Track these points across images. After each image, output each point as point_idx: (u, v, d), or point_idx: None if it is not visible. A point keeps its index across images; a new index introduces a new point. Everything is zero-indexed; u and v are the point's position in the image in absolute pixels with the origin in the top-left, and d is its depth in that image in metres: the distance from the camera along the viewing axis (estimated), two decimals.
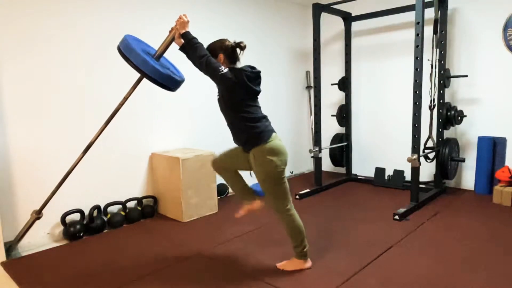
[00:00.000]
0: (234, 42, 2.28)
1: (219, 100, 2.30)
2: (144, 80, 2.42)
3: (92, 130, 2.78)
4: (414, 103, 3.49)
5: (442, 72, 3.91)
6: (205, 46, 2.28)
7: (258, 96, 2.32)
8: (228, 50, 2.26)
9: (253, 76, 2.22)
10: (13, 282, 2.39)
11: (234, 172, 2.50)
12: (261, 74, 2.31)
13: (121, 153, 3.46)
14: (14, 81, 2.82)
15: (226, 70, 2.15)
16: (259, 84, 2.28)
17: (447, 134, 4.16)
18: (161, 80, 2.31)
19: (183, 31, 2.26)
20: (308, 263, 2.44)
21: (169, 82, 2.37)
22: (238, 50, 2.29)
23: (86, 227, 3.14)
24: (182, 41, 2.31)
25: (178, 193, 3.40)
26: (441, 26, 3.88)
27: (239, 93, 2.20)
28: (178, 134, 3.92)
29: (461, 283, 2.21)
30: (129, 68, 2.30)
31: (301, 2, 5.13)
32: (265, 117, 2.32)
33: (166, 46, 2.40)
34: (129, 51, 2.24)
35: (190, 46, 2.24)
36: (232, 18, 4.30)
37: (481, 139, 3.94)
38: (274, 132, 2.31)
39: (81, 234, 3.08)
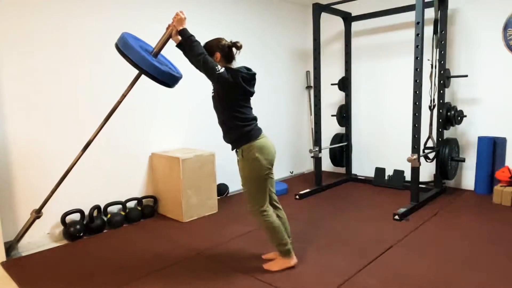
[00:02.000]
0: (231, 42, 2.30)
1: (213, 97, 2.33)
2: (144, 79, 2.42)
3: (91, 129, 2.77)
4: (414, 103, 3.49)
5: (442, 72, 3.91)
6: (202, 44, 2.28)
7: (251, 97, 2.35)
8: (225, 50, 2.28)
9: (248, 78, 2.25)
10: (13, 282, 2.39)
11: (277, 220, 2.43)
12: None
13: (121, 153, 3.46)
14: (13, 80, 2.82)
15: (222, 70, 2.17)
16: (253, 85, 2.31)
17: (447, 134, 4.16)
18: (159, 76, 2.31)
19: (181, 27, 2.26)
20: (293, 261, 2.44)
21: (167, 78, 2.38)
22: (234, 49, 2.30)
23: (86, 227, 3.14)
24: (179, 38, 2.30)
25: (178, 193, 3.40)
26: (441, 26, 3.88)
27: (233, 93, 2.23)
28: (178, 134, 3.92)
29: (461, 283, 2.21)
30: (128, 66, 2.30)
31: (301, 2, 5.13)
32: (255, 118, 2.35)
33: (163, 43, 2.40)
34: (127, 48, 2.24)
35: (187, 43, 2.24)
36: (232, 18, 4.30)
37: (481, 139, 3.94)
38: (263, 132, 2.35)
39: (81, 234, 3.08)
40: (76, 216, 3.14)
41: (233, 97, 2.24)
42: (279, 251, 2.43)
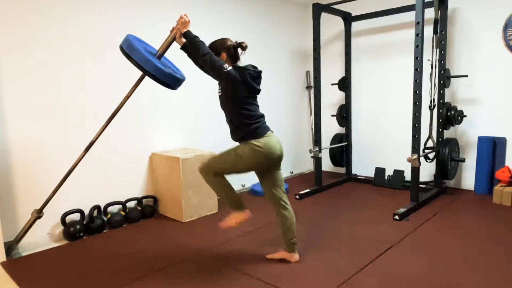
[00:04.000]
0: (236, 42, 2.33)
1: (220, 96, 2.34)
2: (145, 79, 2.43)
3: (93, 129, 2.78)
4: (414, 103, 3.49)
5: (442, 72, 3.91)
6: (207, 44, 2.29)
7: (258, 95, 2.36)
8: (231, 50, 2.32)
9: (255, 75, 2.28)
10: (13, 282, 2.39)
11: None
12: (262, 74, 2.35)
13: (121, 153, 3.46)
14: (14, 80, 2.82)
15: (230, 68, 2.20)
16: (259, 83, 2.33)
17: (447, 134, 4.16)
18: (163, 78, 2.34)
19: (185, 30, 2.28)
20: (246, 214, 2.43)
21: (171, 80, 2.40)
22: (239, 50, 2.34)
23: (86, 227, 3.14)
24: (183, 40, 2.34)
25: (178, 193, 3.40)
26: (441, 26, 3.88)
27: (241, 91, 2.24)
28: (178, 134, 3.92)
29: (461, 283, 2.21)
30: (130, 67, 2.31)
31: (301, 2, 5.13)
32: (263, 116, 2.37)
33: (167, 45, 2.42)
34: (131, 50, 2.26)
35: (192, 44, 2.26)
36: (232, 18, 4.30)
37: (481, 139, 3.94)
38: (271, 130, 2.37)
39: (81, 234, 3.08)
40: (76, 216, 3.14)
41: (241, 95, 2.25)
42: (231, 208, 2.42)
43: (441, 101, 3.97)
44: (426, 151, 3.88)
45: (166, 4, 3.66)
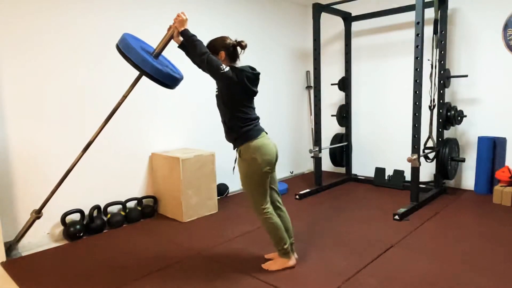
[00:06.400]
0: (236, 41, 2.29)
1: (217, 96, 2.32)
2: (144, 79, 2.42)
3: (92, 129, 2.78)
4: (414, 103, 3.49)
5: (442, 72, 3.91)
6: (205, 44, 2.28)
7: (255, 97, 2.33)
8: (230, 49, 2.27)
9: (252, 77, 2.24)
10: (13, 282, 2.39)
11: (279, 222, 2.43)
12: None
13: (121, 153, 3.46)
14: (14, 80, 2.82)
15: (227, 69, 2.16)
16: (257, 85, 2.31)
17: (447, 134, 4.16)
18: (160, 78, 2.32)
19: (182, 28, 2.26)
20: (292, 261, 2.45)
21: (168, 80, 2.38)
22: (238, 48, 2.30)
23: (86, 227, 3.14)
24: (181, 39, 2.31)
25: (178, 193, 3.40)
26: (441, 26, 3.88)
27: (237, 93, 2.22)
28: (178, 134, 3.92)
29: (461, 283, 2.21)
30: (129, 67, 2.30)
31: (301, 2, 5.13)
32: (257, 118, 2.35)
33: (164, 44, 2.40)
34: (128, 49, 2.24)
35: (189, 43, 2.24)
36: (232, 18, 4.30)
37: (481, 139, 3.94)
38: (265, 132, 2.34)
39: (81, 234, 3.08)
40: (76, 216, 3.14)
41: (237, 97, 2.23)
42: (278, 251, 2.44)
43: (441, 101, 3.97)
44: (426, 151, 3.88)
45: (166, 4, 3.66)
